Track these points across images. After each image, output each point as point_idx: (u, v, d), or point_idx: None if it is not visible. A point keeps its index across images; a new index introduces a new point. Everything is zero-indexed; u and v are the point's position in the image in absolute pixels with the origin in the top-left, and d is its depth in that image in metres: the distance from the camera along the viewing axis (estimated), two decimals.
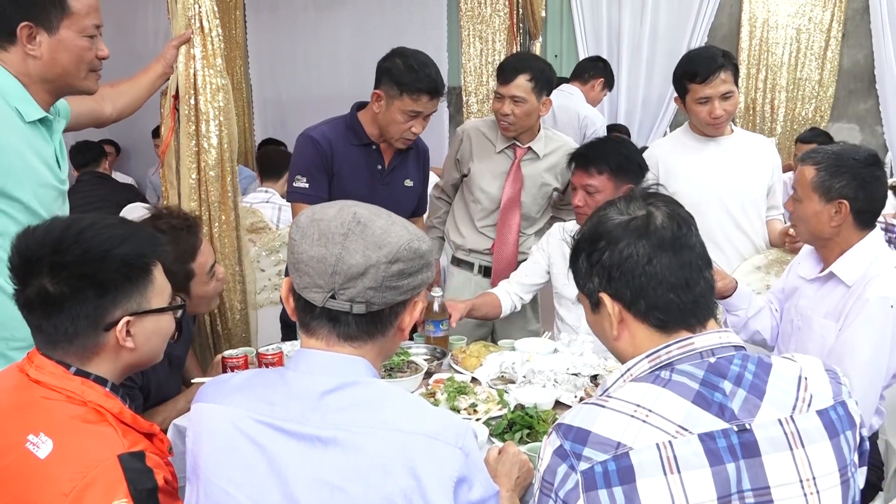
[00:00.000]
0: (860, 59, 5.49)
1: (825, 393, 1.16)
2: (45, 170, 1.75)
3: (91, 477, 1.14)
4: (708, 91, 2.58)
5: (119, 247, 1.27)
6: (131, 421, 1.27)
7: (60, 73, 1.75)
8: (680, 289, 1.16)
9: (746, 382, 1.12)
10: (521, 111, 2.71)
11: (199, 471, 1.20)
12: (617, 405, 1.11)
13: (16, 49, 1.70)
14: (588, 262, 1.23)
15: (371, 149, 2.59)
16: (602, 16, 5.77)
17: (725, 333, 1.18)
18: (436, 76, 2.44)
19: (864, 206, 1.92)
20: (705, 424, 1.08)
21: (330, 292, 1.16)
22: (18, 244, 1.27)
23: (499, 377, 2.18)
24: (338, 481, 1.12)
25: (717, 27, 5.65)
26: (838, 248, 1.97)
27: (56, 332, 1.26)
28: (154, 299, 1.33)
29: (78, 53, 1.75)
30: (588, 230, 1.24)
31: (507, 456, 1.52)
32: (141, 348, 1.33)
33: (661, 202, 1.23)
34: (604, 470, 1.05)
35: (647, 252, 1.16)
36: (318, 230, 1.18)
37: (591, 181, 2.44)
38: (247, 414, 1.17)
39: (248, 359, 2.15)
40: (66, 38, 1.72)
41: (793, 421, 1.11)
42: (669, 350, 1.16)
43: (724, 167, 2.67)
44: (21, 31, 1.68)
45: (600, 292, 1.21)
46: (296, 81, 6.49)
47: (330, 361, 1.20)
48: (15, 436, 1.20)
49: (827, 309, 1.97)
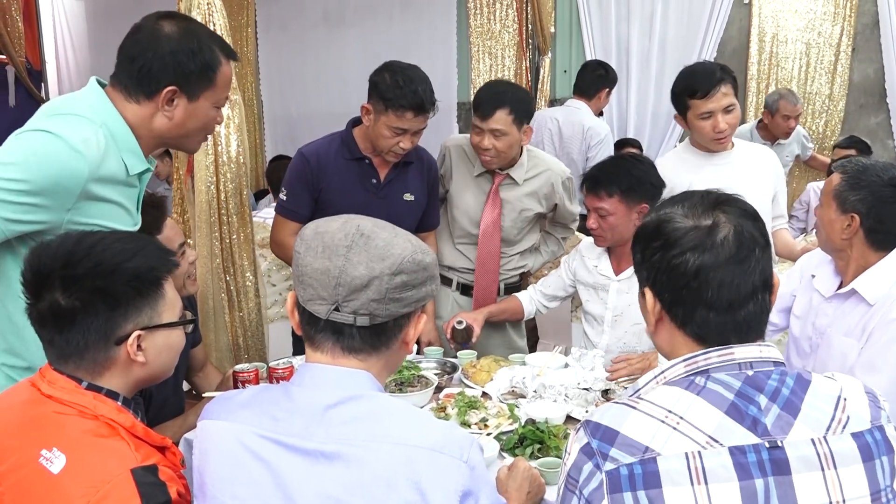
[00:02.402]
0: (870, 74, 5.47)
1: (863, 416, 1.12)
2: (125, 215, 1.71)
3: (104, 491, 1.14)
4: (710, 105, 2.55)
5: (130, 260, 1.28)
6: (143, 434, 1.27)
7: (183, 135, 1.74)
8: (721, 310, 1.13)
9: (782, 399, 1.10)
10: (502, 144, 2.63)
11: (206, 487, 1.20)
12: (648, 408, 1.10)
13: (149, 104, 1.67)
14: (641, 255, 1.21)
15: (364, 163, 2.57)
16: (611, 31, 5.77)
17: (767, 348, 1.16)
18: (422, 93, 2.39)
19: (875, 226, 1.87)
20: (737, 438, 1.06)
21: (334, 305, 1.17)
22: (31, 259, 1.28)
23: (509, 392, 2.17)
24: (342, 496, 1.11)
25: (727, 41, 5.65)
26: (854, 265, 1.93)
27: (68, 345, 1.27)
28: (165, 314, 1.34)
29: (206, 122, 1.76)
30: (650, 223, 1.21)
31: (517, 471, 1.51)
32: (152, 363, 1.33)
33: (735, 212, 1.17)
34: (629, 473, 1.04)
35: (696, 266, 1.13)
36: (321, 242, 1.18)
37: (602, 204, 2.44)
38: (251, 430, 1.18)
39: (258, 373, 2.15)
40: (202, 108, 1.71)
41: (826, 442, 1.08)
42: (708, 357, 1.14)
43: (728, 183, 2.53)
44: (165, 94, 1.66)
45: (646, 286, 1.21)
46: (306, 98, 6.54)
47: (333, 375, 1.20)
48: (28, 451, 1.20)
49: (847, 327, 1.93)
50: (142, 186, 1.77)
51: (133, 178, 1.70)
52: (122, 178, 1.64)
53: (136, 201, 1.75)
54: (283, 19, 6.54)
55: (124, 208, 1.68)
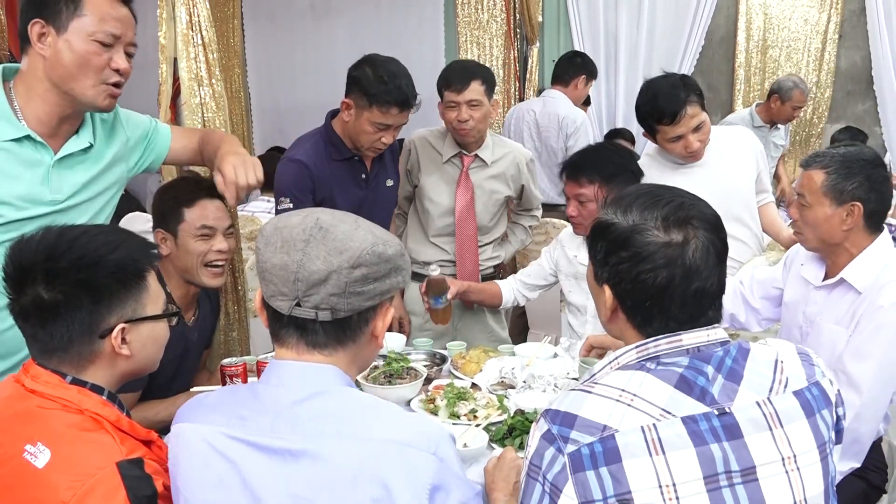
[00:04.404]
0: (857, 61, 5.50)
1: (799, 375, 1.20)
2: (24, 188, 1.67)
3: (90, 485, 1.14)
4: (680, 130, 2.51)
5: (113, 253, 1.27)
6: (129, 428, 1.27)
7: (63, 74, 1.65)
8: (682, 321, 1.18)
9: (726, 368, 1.15)
10: (479, 114, 2.69)
11: (179, 492, 1.19)
12: (603, 390, 1.14)
13: (32, 51, 1.66)
14: (605, 255, 1.21)
15: (354, 160, 2.56)
16: (599, 20, 5.77)
17: (714, 331, 1.19)
18: (406, 88, 2.38)
19: (877, 207, 1.90)
20: (687, 408, 1.11)
21: (295, 300, 1.15)
22: (13, 253, 1.27)
23: (499, 382, 2.17)
24: (308, 494, 1.11)
25: (714, 29, 5.66)
26: (847, 253, 1.94)
27: (52, 339, 1.26)
28: (149, 306, 1.33)
29: (83, 55, 1.65)
30: (621, 231, 1.19)
31: (504, 461, 1.51)
32: (137, 356, 1.32)
33: (703, 226, 1.18)
34: (590, 451, 1.07)
35: (664, 282, 1.15)
36: (281, 238, 1.17)
37: (583, 191, 2.43)
38: (219, 431, 1.17)
39: (247, 367, 2.14)
40: (73, 39, 1.64)
41: (770, 403, 1.14)
42: (658, 343, 1.17)
43: (707, 180, 2.52)
44: (32, 29, 1.64)
45: (605, 283, 1.22)
46: (294, 89, 6.49)
47: (300, 371, 1.18)
48: (12, 446, 1.20)
49: (837, 315, 1.94)
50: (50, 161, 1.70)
51: (23, 149, 1.66)
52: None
53: (45, 176, 1.69)
54: (269, 10, 6.49)
55: (18, 177, 1.65)
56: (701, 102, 2.53)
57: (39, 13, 1.64)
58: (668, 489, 1.06)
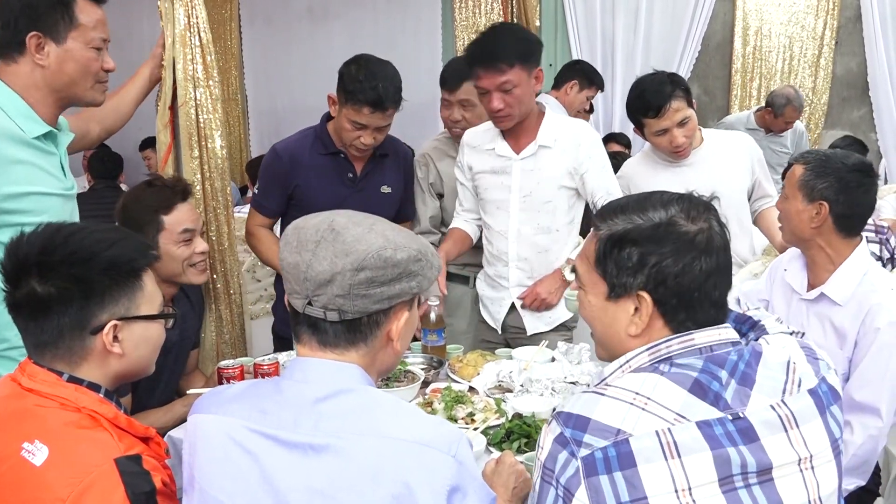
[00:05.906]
0: (853, 67, 5.52)
1: (809, 374, 1.19)
2: (50, 178, 1.80)
3: (88, 482, 1.14)
4: (664, 123, 2.54)
5: (108, 250, 1.28)
6: (126, 425, 1.27)
7: (67, 82, 1.81)
8: (719, 306, 1.20)
9: (739, 373, 1.14)
10: (471, 115, 2.70)
11: (195, 481, 1.20)
12: (616, 393, 1.12)
13: (25, 59, 1.77)
14: (640, 259, 1.17)
15: (339, 157, 2.55)
16: (596, 25, 5.78)
17: (725, 330, 1.19)
18: (382, 89, 2.32)
19: (844, 211, 1.91)
20: (702, 413, 1.09)
21: (306, 299, 1.18)
22: (11, 247, 1.27)
23: (496, 386, 2.17)
24: (328, 490, 1.11)
25: (711, 35, 5.68)
26: (823, 253, 1.97)
27: (42, 333, 1.26)
28: (143, 306, 1.33)
29: (84, 64, 1.81)
30: (650, 231, 1.17)
31: (503, 466, 1.51)
32: (129, 355, 1.32)
33: (712, 215, 1.21)
34: (604, 456, 1.06)
35: (707, 270, 1.16)
36: (297, 238, 1.20)
37: (506, 77, 2.26)
38: (241, 423, 1.18)
39: (244, 369, 2.14)
40: (74, 49, 1.79)
41: (785, 404, 1.13)
42: (670, 344, 1.16)
43: (695, 180, 2.42)
44: (30, 41, 1.74)
45: (641, 290, 1.17)
46: (291, 92, 6.49)
47: (324, 369, 1.20)
48: (9, 444, 1.20)
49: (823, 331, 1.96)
50: (61, 151, 1.86)
51: (45, 144, 1.79)
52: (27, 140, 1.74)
53: (61, 166, 1.85)
54: (266, 12, 6.49)
55: (47, 172, 1.78)
56: (688, 99, 2.57)
57: (36, 26, 1.74)
58: (684, 493, 1.05)
